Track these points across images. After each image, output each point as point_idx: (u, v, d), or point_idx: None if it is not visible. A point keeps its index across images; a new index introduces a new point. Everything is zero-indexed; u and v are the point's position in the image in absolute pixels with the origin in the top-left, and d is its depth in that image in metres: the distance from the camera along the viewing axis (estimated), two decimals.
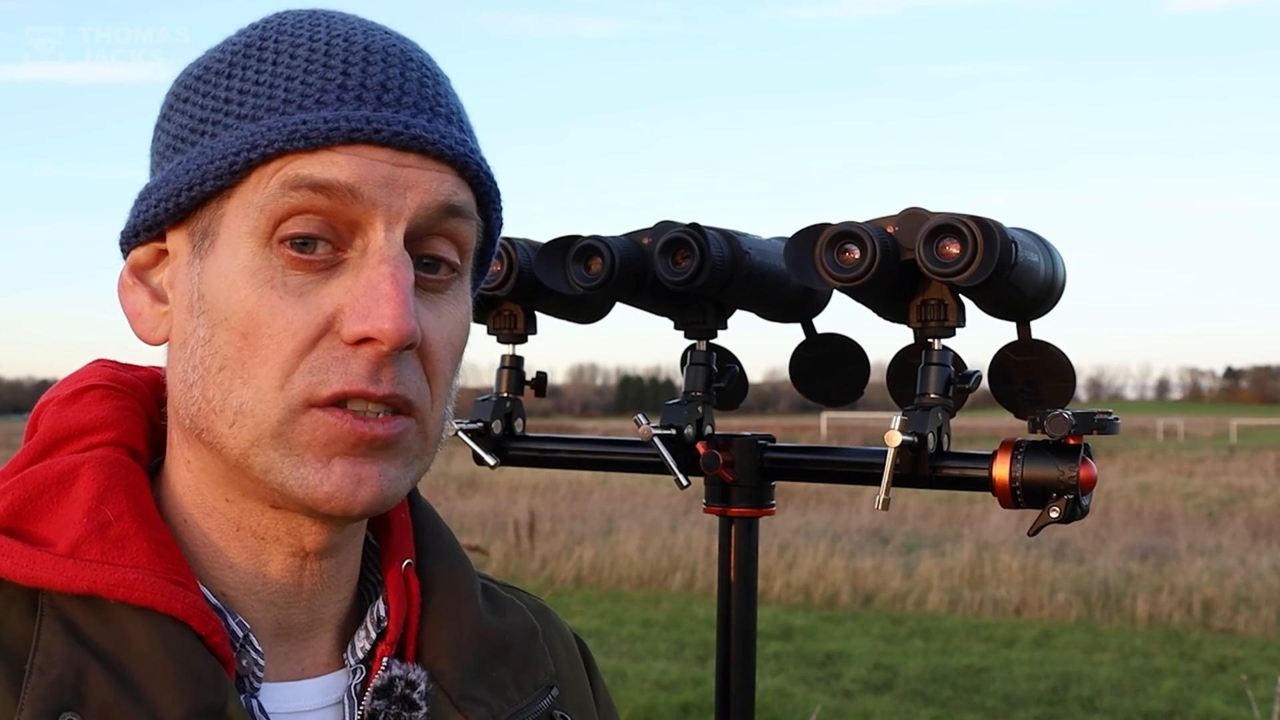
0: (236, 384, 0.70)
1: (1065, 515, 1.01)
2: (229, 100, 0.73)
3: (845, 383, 1.23)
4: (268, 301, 0.70)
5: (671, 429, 1.18)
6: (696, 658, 7.94)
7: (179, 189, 0.73)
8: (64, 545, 0.70)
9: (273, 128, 0.70)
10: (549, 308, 1.29)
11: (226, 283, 0.70)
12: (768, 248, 1.18)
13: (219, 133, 0.72)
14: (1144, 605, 9.25)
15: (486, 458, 1.28)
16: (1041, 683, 7.33)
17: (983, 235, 0.98)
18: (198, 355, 0.72)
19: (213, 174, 0.71)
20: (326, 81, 0.71)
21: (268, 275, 0.70)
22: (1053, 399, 1.08)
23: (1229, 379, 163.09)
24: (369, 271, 0.70)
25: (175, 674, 0.68)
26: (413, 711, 0.78)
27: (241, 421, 0.70)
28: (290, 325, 0.69)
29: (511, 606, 0.89)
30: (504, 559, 10.95)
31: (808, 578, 10.19)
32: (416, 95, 0.73)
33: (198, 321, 0.72)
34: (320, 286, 0.70)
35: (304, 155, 0.70)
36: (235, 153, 0.70)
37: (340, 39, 0.73)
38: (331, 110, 0.70)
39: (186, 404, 0.73)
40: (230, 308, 0.70)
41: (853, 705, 6.85)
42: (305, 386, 0.70)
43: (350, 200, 0.70)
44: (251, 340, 0.70)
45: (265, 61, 0.73)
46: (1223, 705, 6.79)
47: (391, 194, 0.71)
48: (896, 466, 1.03)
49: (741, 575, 1.20)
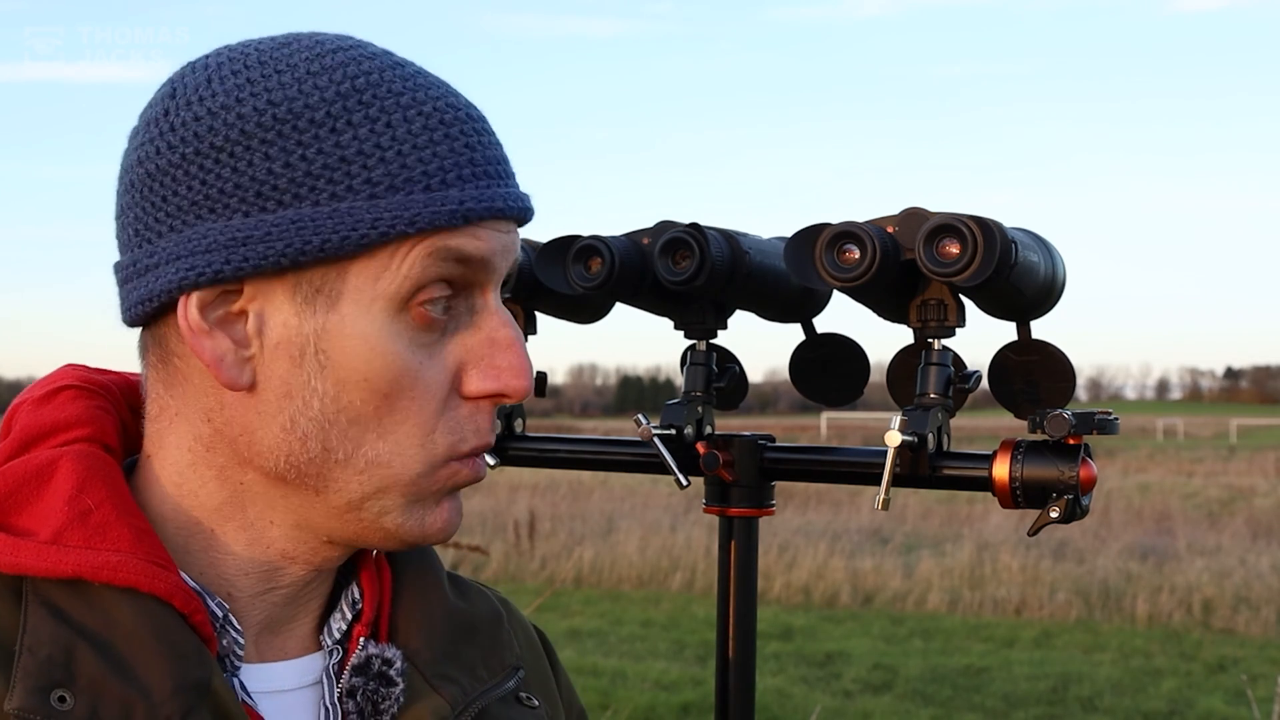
0: (370, 438, 0.75)
1: (1065, 515, 1.01)
2: (346, 160, 0.72)
3: (845, 383, 1.23)
4: (411, 365, 0.75)
5: (671, 429, 1.18)
6: (696, 658, 7.94)
7: (301, 248, 0.72)
8: (46, 533, 0.72)
9: (424, 203, 0.73)
10: (549, 308, 1.29)
11: (364, 344, 0.73)
12: (768, 248, 1.18)
13: (345, 196, 0.72)
14: (1144, 605, 9.26)
15: (487, 458, 1.28)
16: (1041, 683, 7.33)
17: (983, 235, 0.98)
18: (314, 408, 0.74)
19: (354, 241, 0.72)
20: (458, 155, 0.75)
21: (407, 339, 0.75)
22: (1053, 399, 1.08)
23: (1229, 379, 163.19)
24: (491, 331, 0.78)
25: (161, 651, 0.70)
26: (390, 687, 0.81)
27: (373, 472, 0.75)
28: (430, 388, 0.75)
29: (477, 592, 0.94)
30: (504, 559, 10.96)
31: (808, 578, 10.20)
32: (509, 165, 0.80)
33: (314, 375, 0.74)
34: (442, 344, 0.76)
35: (453, 230, 0.74)
36: (388, 225, 0.72)
37: (444, 103, 0.76)
38: (474, 188, 0.75)
39: (290, 451, 0.75)
40: (372, 369, 0.74)
41: (853, 705, 6.86)
42: (448, 445, 0.77)
43: (481, 269, 0.76)
44: (392, 400, 0.75)
45: (377, 122, 0.73)
46: (1223, 705, 6.79)
47: (505, 260, 0.79)
48: (896, 466, 1.03)
49: (741, 575, 1.20)
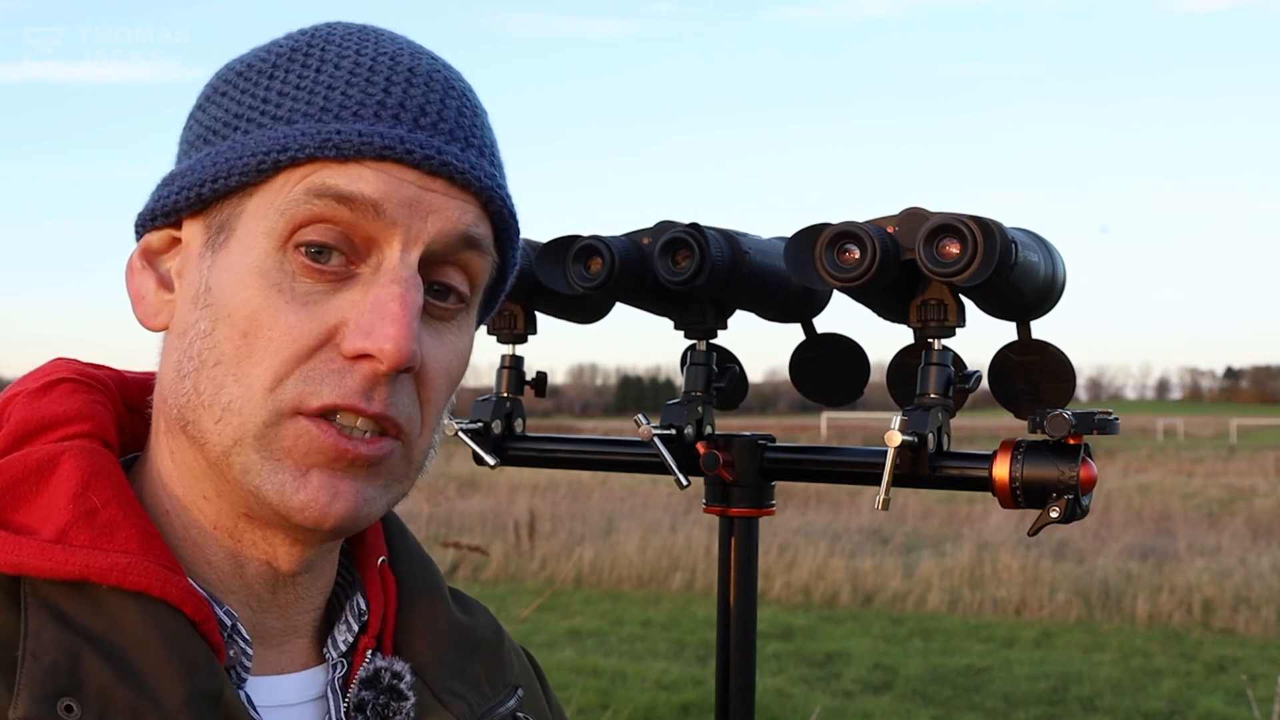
0: (229, 381, 0.70)
1: (1065, 515, 1.01)
2: (266, 100, 0.73)
3: (845, 383, 1.23)
4: (273, 304, 0.70)
5: (671, 429, 1.18)
6: (696, 658, 7.93)
7: (203, 179, 0.73)
8: (50, 531, 0.69)
9: (306, 133, 0.70)
10: (549, 308, 1.29)
11: (235, 279, 0.71)
12: (768, 248, 1.18)
13: (251, 130, 0.72)
14: (1144, 605, 9.26)
15: (486, 458, 1.28)
16: (1041, 683, 7.33)
17: (983, 235, 0.98)
18: (195, 347, 0.72)
19: (239, 169, 0.71)
20: (366, 96, 0.71)
21: (277, 278, 0.70)
22: (1053, 399, 1.08)
23: (1229, 379, 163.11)
24: (379, 289, 0.70)
25: (171, 659, 0.67)
26: (401, 701, 0.78)
27: (227, 419, 0.70)
28: (291, 331, 0.70)
29: (477, 606, 0.91)
30: (504, 559, 10.95)
31: (808, 578, 10.19)
32: (453, 123, 0.74)
33: (200, 314, 0.72)
34: (328, 297, 0.71)
35: (333, 165, 0.70)
36: (265, 152, 0.70)
37: (386, 56, 0.73)
38: (367, 125, 0.71)
39: (177, 394, 0.73)
40: (235, 304, 0.70)
41: (853, 705, 6.86)
42: (296, 394, 0.70)
43: (372, 216, 0.70)
44: (250, 339, 0.70)
45: (309, 68, 0.73)
46: (1223, 705, 6.79)
47: (413, 215, 0.71)
48: (896, 466, 1.03)
49: (741, 575, 1.20)
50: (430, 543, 8.94)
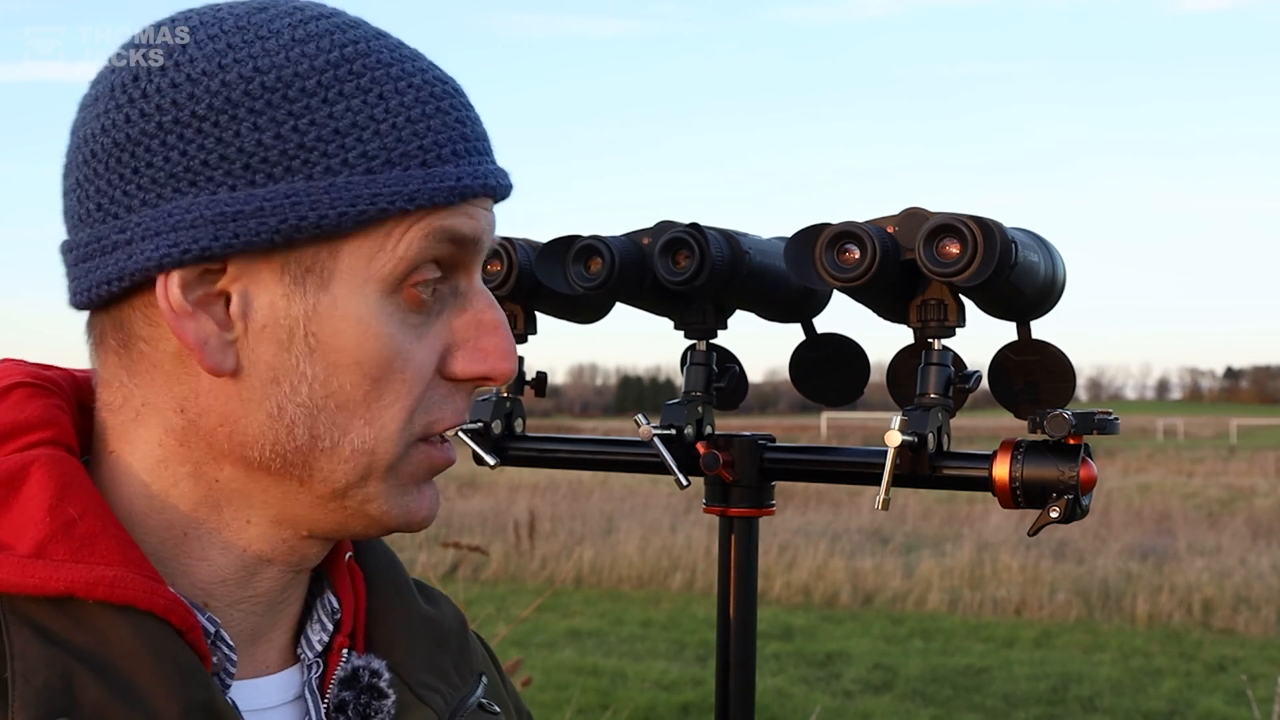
0: (356, 424, 0.72)
1: (1065, 515, 1.01)
2: (340, 132, 0.69)
3: (845, 383, 1.23)
4: (403, 347, 0.72)
5: (671, 429, 1.18)
6: (696, 658, 7.94)
7: (295, 224, 0.68)
8: (26, 546, 0.66)
9: (422, 179, 0.71)
10: (549, 308, 1.29)
11: (357, 326, 0.70)
12: (768, 248, 1.18)
13: (340, 170, 0.69)
14: (1144, 605, 9.26)
15: (486, 458, 1.28)
16: (1041, 683, 7.33)
17: (983, 235, 0.98)
18: (303, 393, 0.70)
19: (351, 217, 0.69)
20: (451, 130, 0.73)
21: (400, 320, 0.72)
22: (1053, 399, 1.08)
23: (1229, 379, 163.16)
24: (478, 313, 0.76)
25: (164, 671, 0.66)
26: (381, 700, 0.78)
27: (357, 459, 0.72)
28: (419, 370, 0.73)
29: (440, 597, 0.91)
30: (504, 559, 10.95)
31: (808, 578, 10.20)
32: (488, 140, 0.77)
33: (303, 359, 0.70)
34: (429, 325, 0.74)
35: (449, 208, 0.72)
36: (387, 201, 0.70)
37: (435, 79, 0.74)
38: (468, 165, 0.73)
39: (275, 439, 0.71)
40: (363, 353, 0.71)
41: (853, 705, 6.86)
42: (424, 425, 0.74)
43: (472, 249, 0.75)
44: (382, 384, 0.72)
45: (370, 93, 0.70)
46: (1223, 705, 6.79)
47: (490, 240, 0.77)
48: (896, 466, 1.04)
49: (741, 575, 1.20)
50: (430, 543, 8.95)
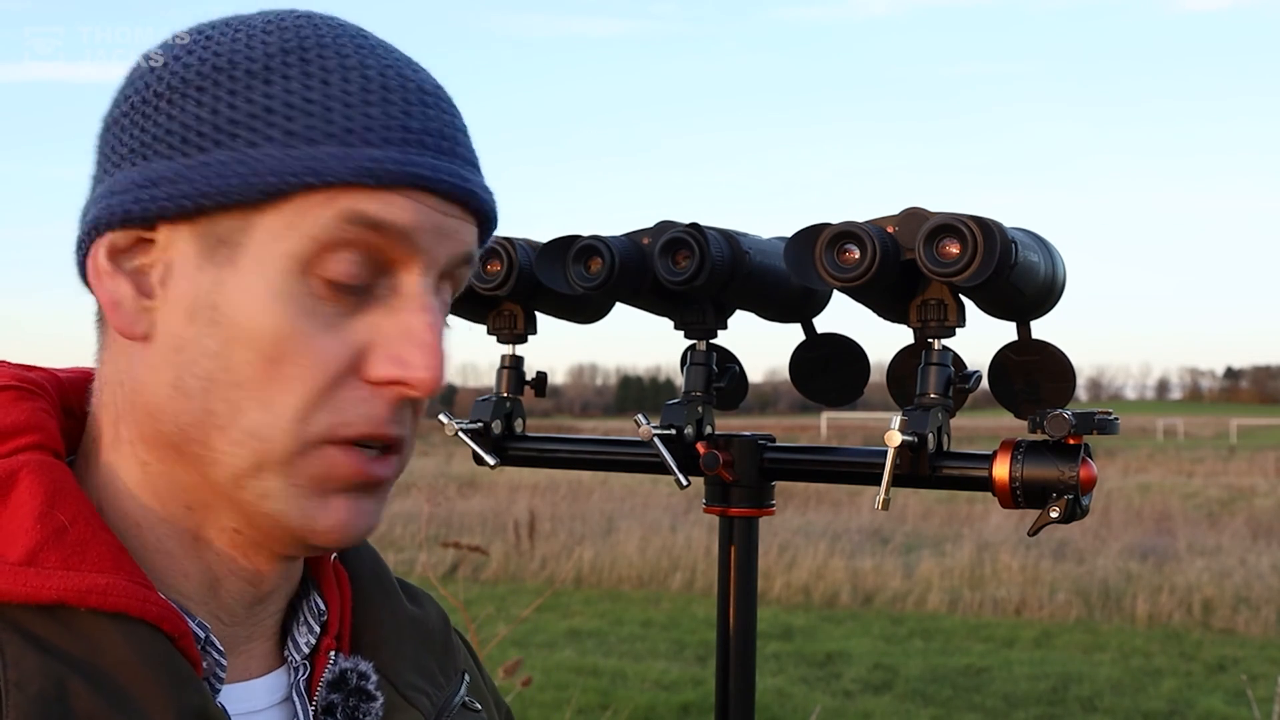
0: (252, 405, 0.69)
1: (1065, 515, 1.01)
2: (271, 110, 0.69)
3: (845, 383, 1.23)
4: (301, 330, 0.68)
5: (671, 429, 1.18)
6: (696, 658, 7.94)
7: (206, 191, 0.69)
8: (17, 554, 0.66)
9: (337, 157, 0.68)
10: (549, 308, 1.29)
11: (256, 302, 0.68)
12: (768, 248, 1.18)
13: (260, 143, 0.69)
14: (1144, 605, 9.26)
15: (486, 458, 1.28)
16: (1041, 683, 7.33)
17: (983, 235, 0.98)
18: (201, 365, 0.69)
19: (259, 187, 0.68)
20: (389, 119, 0.70)
21: (304, 303, 0.68)
22: (1053, 399, 1.08)
23: (1229, 379, 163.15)
24: (408, 316, 0.70)
25: (158, 679, 0.65)
26: (370, 702, 0.78)
27: (248, 444, 0.69)
28: (321, 358, 0.69)
29: (424, 595, 0.90)
30: (504, 559, 10.95)
31: (808, 578, 10.19)
32: (464, 146, 0.74)
33: (204, 331, 0.69)
34: (348, 319, 0.70)
35: (366, 192, 0.69)
36: (294, 174, 0.68)
37: (393, 72, 0.72)
38: (398, 151, 0.69)
39: (177, 412, 0.70)
40: (258, 329, 0.68)
41: (853, 705, 6.86)
42: (327, 425, 0.69)
43: (398, 243, 0.70)
44: (276, 366, 0.68)
45: (313, 78, 0.70)
46: (1223, 705, 6.79)
47: (436, 242, 0.71)
48: (896, 466, 1.04)
49: (741, 575, 1.20)
50: (430, 543, 8.95)
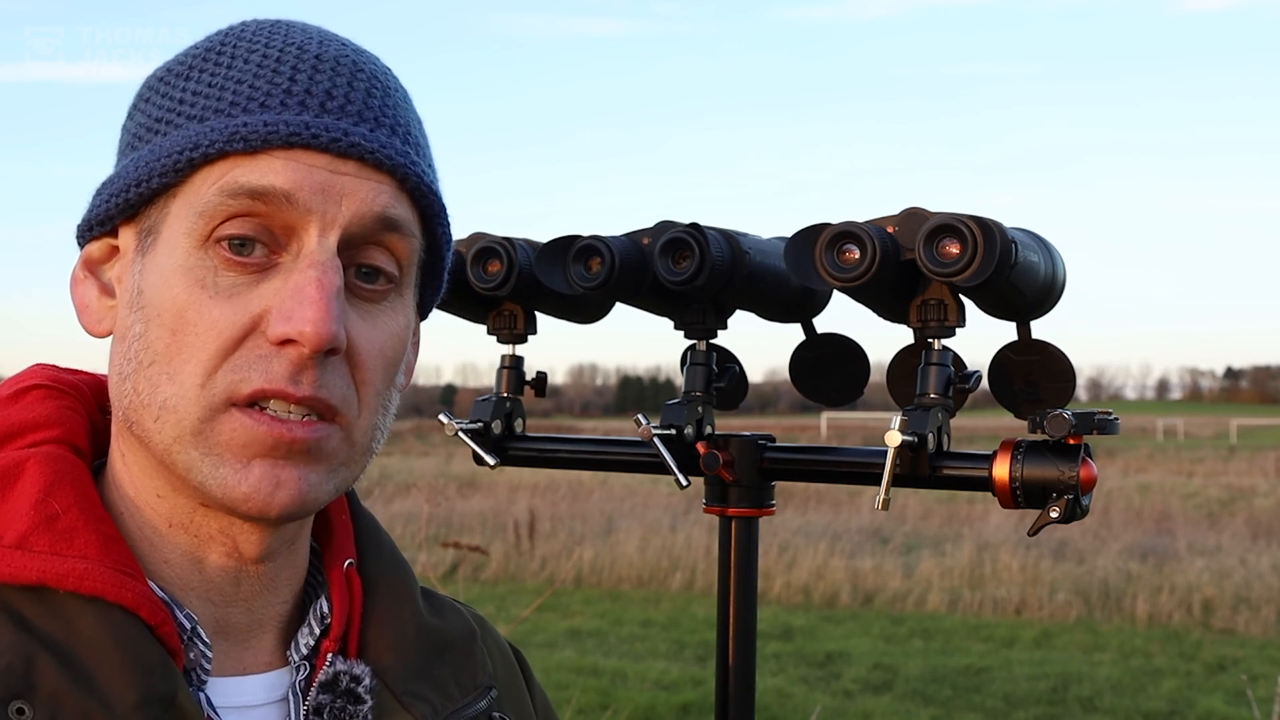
0: (163, 379, 0.72)
1: (1065, 515, 1.01)
2: (182, 101, 0.75)
3: (845, 383, 1.23)
4: (197, 300, 0.71)
5: (671, 429, 1.18)
6: (696, 658, 7.94)
7: (127, 185, 0.74)
8: (11, 537, 0.71)
9: (215, 129, 0.72)
10: (549, 308, 1.29)
11: (162, 280, 0.72)
12: (768, 248, 1.18)
13: (169, 131, 0.74)
14: (1144, 605, 9.26)
15: (486, 458, 1.28)
16: (1041, 683, 7.33)
17: (983, 235, 0.98)
18: (132, 349, 0.73)
19: (158, 171, 0.73)
20: (273, 86, 0.73)
21: (200, 274, 0.71)
22: (1053, 399, 1.08)
23: (1229, 379, 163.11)
24: (297, 275, 0.71)
25: (125, 663, 0.68)
26: (358, 705, 0.79)
27: (165, 417, 0.72)
28: (216, 324, 0.71)
29: (451, 609, 0.91)
30: (504, 559, 10.96)
31: (808, 578, 10.20)
32: (361, 105, 0.74)
33: (135, 316, 0.74)
34: (251, 288, 0.72)
35: (244, 160, 0.71)
36: (179, 152, 0.72)
37: (294, 47, 0.75)
38: (273, 114, 0.72)
39: (120, 396, 0.75)
40: (163, 304, 0.72)
41: (853, 705, 6.86)
42: (226, 385, 0.71)
43: (286, 206, 0.71)
44: (179, 337, 0.71)
45: (220, 65, 0.75)
46: (1223, 705, 6.79)
47: (327, 200, 0.72)
48: (896, 466, 1.04)
49: (741, 575, 1.20)
50: (430, 543, 8.95)
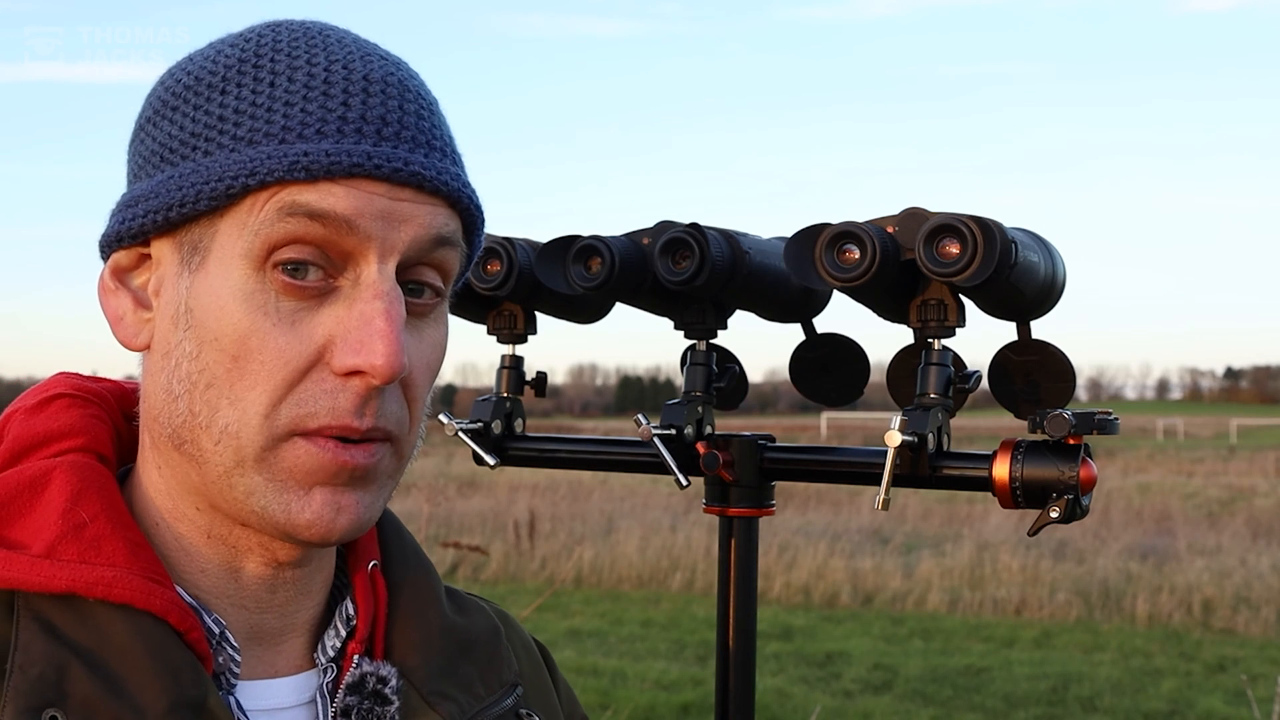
0: (224, 404, 0.71)
1: (1065, 515, 1.01)
2: (224, 119, 0.73)
3: (845, 383, 1.23)
4: (260, 327, 0.70)
5: (671, 429, 1.18)
6: (696, 658, 7.94)
7: (169, 203, 0.73)
8: (39, 547, 0.71)
9: (272, 155, 0.70)
10: (549, 308, 1.29)
11: (218, 302, 0.71)
12: (768, 248, 1.18)
13: (214, 151, 0.72)
14: (1144, 605, 9.26)
15: (486, 458, 1.28)
16: (1041, 683, 7.33)
17: (983, 235, 0.98)
18: (184, 369, 0.72)
19: (208, 194, 0.71)
20: (327, 112, 0.72)
21: (261, 300, 0.71)
22: (1053, 399, 1.08)
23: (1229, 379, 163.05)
24: (363, 305, 0.71)
25: (155, 669, 0.69)
26: (385, 706, 0.79)
27: (226, 441, 0.71)
28: (282, 354, 0.70)
29: (475, 607, 0.91)
30: (504, 559, 10.95)
31: (808, 578, 10.19)
32: (414, 129, 0.74)
33: (184, 335, 0.72)
34: (312, 314, 0.71)
35: (302, 185, 0.70)
36: (234, 176, 0.70)
37: (340, 65, 0.73)
38: (332, 142, 0.71)
39: (170, 415, 0.73)
40: (222, 328, 0.71)
41: (853, 705, 6.86)
42: (293, 418, 0.71)
43: (345, 231, 0.71)
44: (242, 363, 0.70)
45: (262, 82, 0.73)
46: (1223, 705, 6.79)
47: (387, 228, 0.72)
48: (896, 466, 1.04)
49: (741, 575, 1.20)
50: (430, 543, 8.95)
